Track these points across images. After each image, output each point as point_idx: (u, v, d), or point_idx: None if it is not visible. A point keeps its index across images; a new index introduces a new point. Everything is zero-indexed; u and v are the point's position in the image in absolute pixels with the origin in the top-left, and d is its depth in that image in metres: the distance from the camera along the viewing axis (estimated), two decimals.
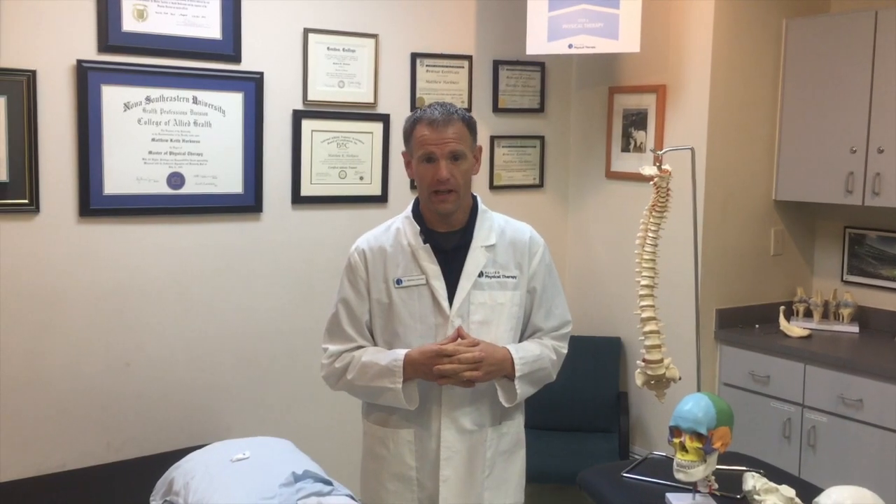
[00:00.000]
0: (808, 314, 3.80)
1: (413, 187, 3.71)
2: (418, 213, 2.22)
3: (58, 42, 2.99)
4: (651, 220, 2.45)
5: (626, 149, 4.03)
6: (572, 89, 4.30)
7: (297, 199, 3.54)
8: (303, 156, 3.52)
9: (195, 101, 3.25)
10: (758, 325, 3.79)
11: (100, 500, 2.99)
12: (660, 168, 2.43)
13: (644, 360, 2.44)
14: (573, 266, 4.33)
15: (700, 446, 2.13)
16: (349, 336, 2.19)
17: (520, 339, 2.24)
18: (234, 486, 2.74)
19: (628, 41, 3.62)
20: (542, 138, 4.21)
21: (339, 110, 3.59)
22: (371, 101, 3.66)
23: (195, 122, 3.26)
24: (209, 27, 3.26)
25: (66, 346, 3.10)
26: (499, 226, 2.24)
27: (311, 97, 3.52)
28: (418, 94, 3.78)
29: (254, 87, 3.36)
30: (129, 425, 3.23)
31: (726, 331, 3.75)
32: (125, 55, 3.11)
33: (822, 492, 2.04)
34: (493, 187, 4.07)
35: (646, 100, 3.91)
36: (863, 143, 3.48)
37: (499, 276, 2.19)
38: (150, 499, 2.97)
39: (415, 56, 3.77)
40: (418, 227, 2.19)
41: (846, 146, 3.53)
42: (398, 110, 3.70)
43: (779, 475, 2.41)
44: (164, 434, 3.29)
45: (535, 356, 2.19)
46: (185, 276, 3.31)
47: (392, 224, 2.25)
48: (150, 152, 3.19)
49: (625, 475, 2.45)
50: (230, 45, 3.31)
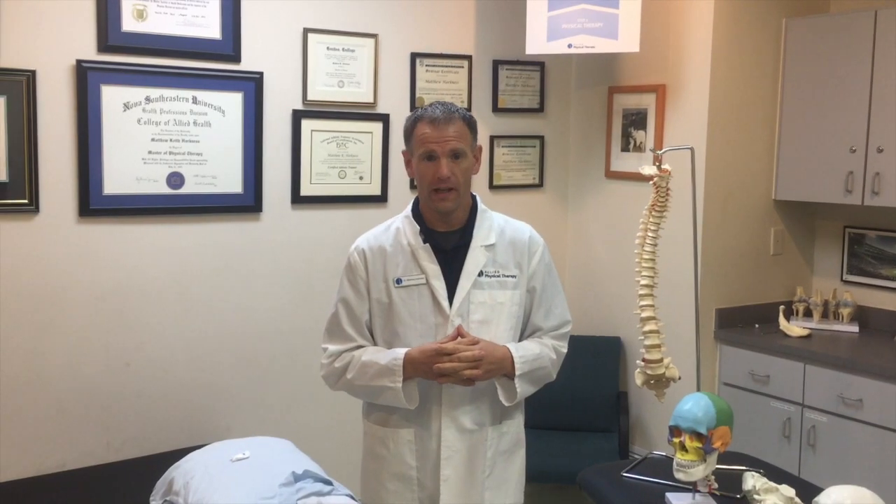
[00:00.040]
0: (808, 314, 3.80)
1: (413, 187, 3.71)
2: (418, 213, 2.22)
3: (57, 42, 2.99)
4: (651, 219, 2.45)
5: (625, 148, 4.03)
6: (572, 89, 4.30)
7: (297, 199, 3.54)
8: (302, 156, 3.52)
9: (195, 101, 3.25)
10: (757, 325, 3.79)
11: (99, 499, 2.99)
12: (659, 168, 2.43)
13: (644, 360, 2.44)
14: (573, 266, 4.33)
15: (700, 446, 2.13)
16: (349, 336, 2.19)
17: (520, 339, 2.24)
18: (233, 486, 2.74)
19: (628, 41, 3.62)
20: (541, 138, 4.21)
21: (338, 110, 3.59)
22: (371, 100, 3.66)
23: (195, 122, 3.26)
24: (209, 27, 3.26)
25: (65, 345, 3.10)
26: (498, 225, 2.24)
27: (310, 97, 3.52)
28: (418, 94, 3.78)
29: (253, 86, 3.37)
30: (128, 425, 3.23)
31: (726, 330, 3.75)
32: (125, 55, 3.11)
33: (821, 491, 2.04)
34: (492, 187, 4.07)
35: (645, 99, 3.91)
36: (862, 142, 3.48)
37: (498, 276, 2.19)
38: (150, 499, 2.97)
39: (414, 56, 3.77)
40: (418, 227, 2.19)
41: (846, 146, 3.54)
42: (398, 110, 3.70)
43: (778, 475, 2.41)
44: (163, 434, 3.29)
45: (535, 355, 2.19)
46: (184, 276, 3.31)
47: (392, 224, 2.25)
48: (150, 152, 3.19)
49: (625, 475, 2.45)
50: (230, 44, 3.31)
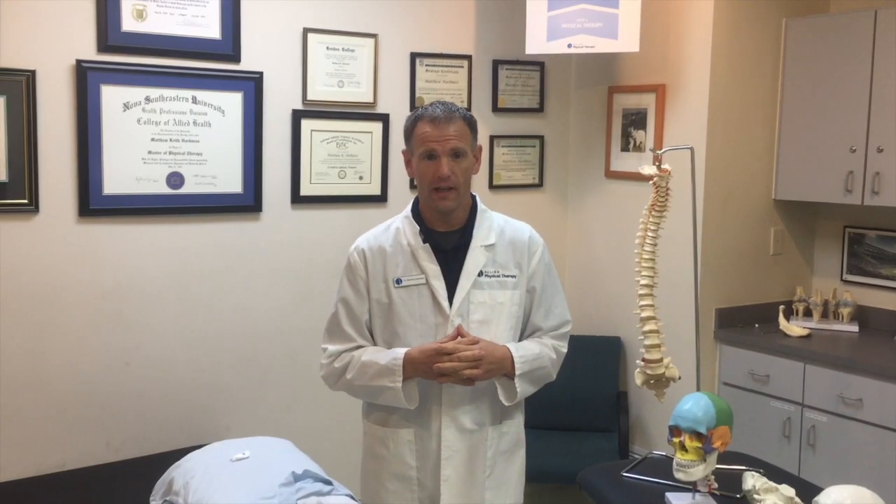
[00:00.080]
0: (808, 313, 3.80)
1: (413, 186, 3.71)
2: (418, 213, 2.22)
3: (57, 42, 2.99)
4: (650, 219, 2.45)
5: (625, 148, 4.03)
6: (572, 89, 4.30)
7: (297, 199, 3.54)
8: (302, 155, 3.52)
9: (194, 100, 3.25)
10: (757, 325, 3.79)
11: (99, 499, 2.99)
12: (659, 167, 2.43)
13: (644, 360, 2.44)
14: (573, 265, 4.33)
15: (700, 446, 2.13)
16: (349, 336, 2.19)
17: (520, 339, 2.24)
18: (233, 486, 2.74)
19: (628, 41, 3.62)
20: (541, 138, 4.21)
21: (338, 110, 3.59)
22: (370, 100, 3.66)
23: (195, 122, 3.26)
24: (208, 27, 3.26)
25: (65, 345, 3.10)
26: (498, 225, 2.24)
27: (310, 97, 3.52)
28: (418, 94, 3.78)
29: (253, 86, 3.36)
30: (128, 425, 3.23)
31: (726, 330, 3.75)
32: (124, 55, 3.11)
33: (821, 491, 2.04)
34: (492, 187, 4.07)
35: (645, 99, 3.91)
36: (862, 142, 3.48)
37: (498, 276, 2.19)
38: (150, 499, 2.97)
39: (414, 56, 3.77)
40: (418, 227, 2.19)
41: (846, 145, 3.54)
42: (398, 110, 3.70)
43: (778, 474, 2.41)
44: (163, 434, 3.29)
45: (535, 355, 2.19)
46: (184, 276, 3.31)
47: (391, 224, 2.25)
48: (150, 152, 3.19)
49: (624, 475, 2.45)
50: (229, 44, 3.31)
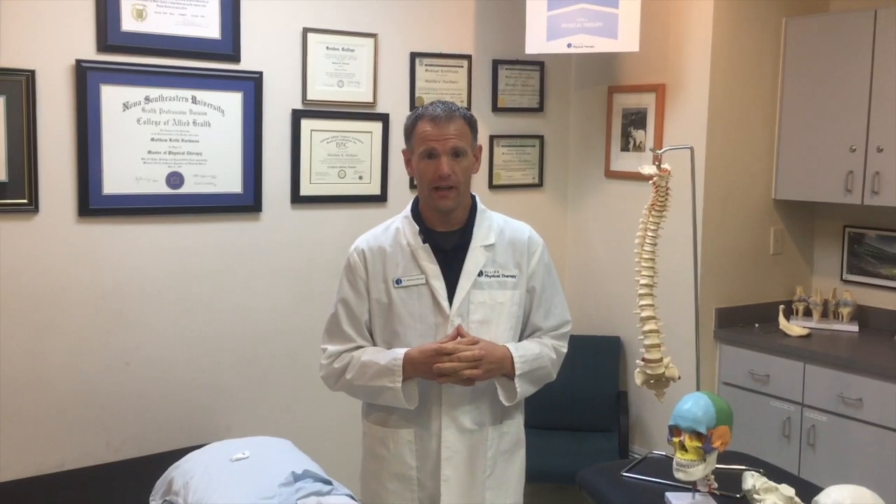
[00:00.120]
0: (808, 313, 3.80)
1: (413, 186, 3.71)
2: (417, 213, 2.22)
3: (57, 42, 2.99)
4: (650, 219, 2.44)
5: (625, 148, 4.03)
6: (571, 89, 4.30)
7: (297, 199, 3.54)
8: (302, 155, 3.52)
9: (194, 100, 3.25)
10: (757, 325, 3.79)
11: (99, 499, 2.99)
12: (659, 167, 2.42)
13: (643, 360, 2.44)
14: (572, 265, 4.33)
15: (699, 445, 2.13)
16: (348, 336, 2.19)
17: (519, 339, 2.24)
18: (233, 486, 2.74)
19: (627, 40, 3.62)
20: (541, 138, 4.21)
21: (338, 110, 3.59)
22: (370, 100, 3.66)
23: (194, 122, 3.26)
24: (208, 27, 3.26)
25: (65, 345, 3.10)
26: (498, 225, 2.24)
27: (310, 97, 3.52)
28: (417, 94, 3.78)
29: (253, 86, 3.36)
30: (128, 425, 3.23)
31: (726, 330, 3.75)
32: (124, 55, 3.11)
33: (821, 491, 2.04)
34: (492, 187, 4.07)
35: (645, 99, 3.91)
36: (862, 142, 3.48)
37: (498, 276, 2.18)
38: (150, 499, 2.97)
39: (414, 55, 3.77)
40: (417, 227, 2.19)
41: (845, 145, 3.53)
42: (397, 110, 3.69)
43: (778, 474, 2.41)
44: (163, 434, 3.29)
45: (535, 355, 2.19)
46: (184, 276, 3.31)
47: (391, 224, 2.25)
48: (150, 152, 3.19)
49: (624, 474, 2.45)
50: (229, 44, 3.31)
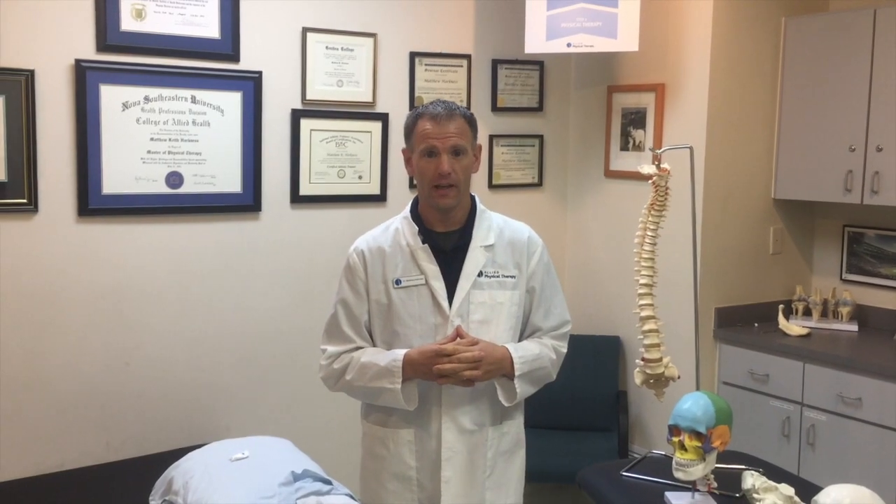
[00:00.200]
0: (808, 313, 3.80)
1: (412, 186, 3.71)
2: (416, 214, 2.21)
3: (56, 41, 2.99)
4: (650, 218, 2.45)
5: (624, 148, 4.03)
6: (571, 88, 4.30)
7: (296, 199, 3.53)
8: (301, 155, 3.52)
9: (194, 100, 3.25)
10: (757, 324, 3.79)
11: (99, 499, 2.99)
12: (658, 167, 2.43)
13: (643, 359, 2.44)
14: (572, 265, 4.33)
15: (699, 445, 2.13)
16: (348, 337, 2.19)
17: (519, 339, 2.24)
18: (233, 486, 2.74)
19: (627, 40, 3.62)
20: (540, 137, 4.21)
21: (337, 109, 3.59)
22: (370, 100, 3.66)
23: (194, 122, 3.26)
24: (208, 26, 3.26)
25: (64, 345, 3.10)
26: (497, 226, 2.24)
27: (309, 96, 3.52)
28: (417, 94, 3.78)
29: (252, 86, 3.36)
30: (128, 425, 3.23)
31: (725, 329, 3.75)
32: (123, 55, 3.11)
33: (821, 490, 2.04)
34: (491, 186, 4.07)
35: (644, 98, 3.91)
36: (862, 141, 3.48)
37: (498, 276, 2.18)
38: (150, 498, 2.97)
39: (413, 55, 3.77)
40: (417, 228, 2.19)
41: (845, 145, 3.53)
42: (397, 109, 3.69)
43: (778, 474, 2.41)
44: (163, 433, 3.29)
45: (535, 355, 2.19)
46: (183, 276, 3.31)
47: (391, 224, 2.25)
48: (149, 152, 3.19)
49: (624, 474, 2.45)
50: (229, 44, 3.31)
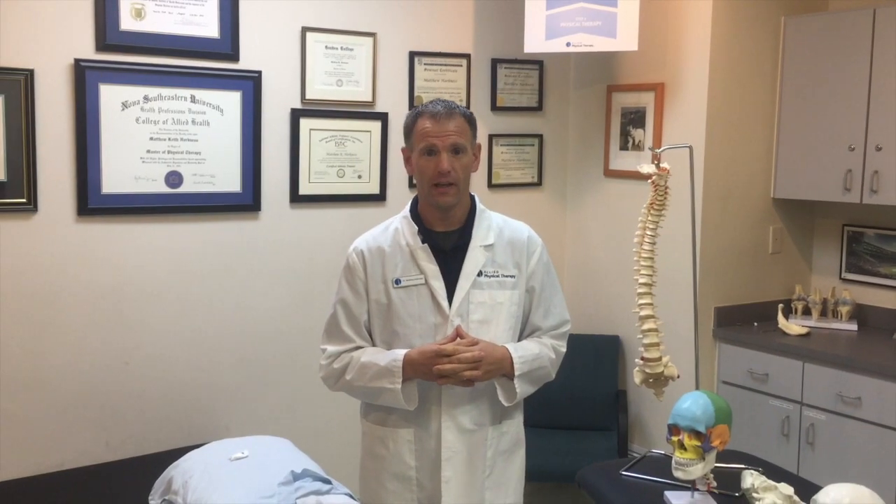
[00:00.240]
0: (807, 312, 3.81)
1: (412, 185, 3.71)
2: (416, 213, 2.21)
3: (55, 41, 2.99)
4: (649, 218, 2.44)
5: (624, 147, 4.03)
6: (570, 88, 4.30)
7: (296, 198, 3.53)
8: (301, 154, 3.52)
9: (193, 99, 3.25)
10: (756, 323, 3.79)
11: (98, 499, 2.99)
12: (658, 166, 2.42)
13: (642, 359, 2.44)
14: (572, 265, 4.33)
15: (699, 444, 2.13)
16: (347, 337, 2.19)
17: (519, 339, 2.24)
18: (232, 485, 2.74)
19: (626, 39, 3.62)
20: (540, 137, 4.21)
21: (337, 109, 3.59)
22: (369, 99, 3.66)
23: (193, 121, 3.26)
24: (207, 26, 3.26)
25: (64, 345, 3.10)
26: (497, 225, 2.24)
27: (309, 96, 3.52)
28: (416, 93, 3.78)
29: (252, 85, 3.36)
30: (127, 424, 3.23)
31: (725, 329, 3.75)
32: (123, 54, 3.11)
33: (820, 489, 2.04)
34: (491, 186, 4.07)
35: (644, 98, 3.91)
36: (861, 140, 3.48)
37: (497, 276, 2.18)
38: (149, 498, 2.97)
39: (413, 55, 3.77)
40: (416, 227, 2.19)
41: (844, 144, 3.53)
42: (396, 109, 3.69)
43: (777, 473, 2.41)
44: (162, 433, 3.29)
45: (534, 355, 2.19)
46: (183, 275, 3.31)
47: (390, 224, 2.25)
48: (148, 151, 3.19)
49: (623, 473, 2.45)
50: (228, 43, 3.31)
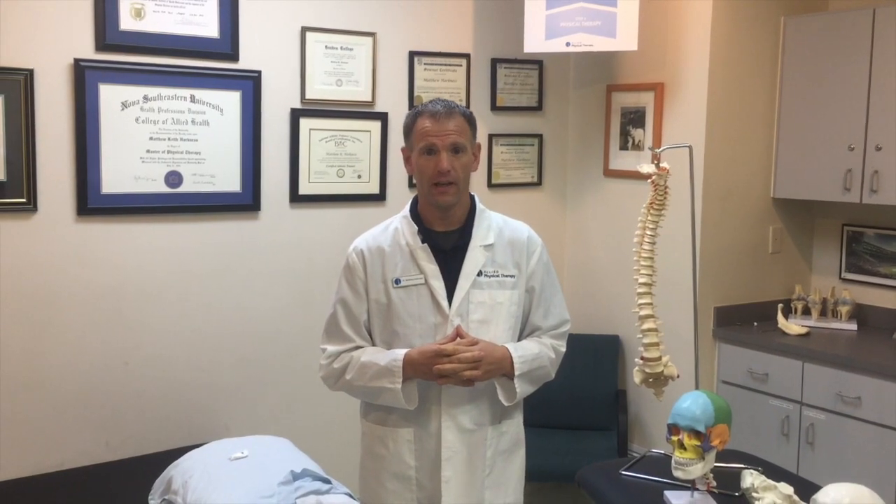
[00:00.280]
0: (807, 312, 3.81)
1: (412, 185, 3.71)
2: (416, 213, 2.21)
3: (55, 41, 2.99)
4: (649, 218, 2.44)
5: (624, 147, 4.03)
6: (570, 87, 4.30)
7: (295, 198, 3.53)
8: (301, 154, 3.52)
9: (193, 99, 3.25)
10: (756, 323, 3.80)
11: (98, 499, 2.99)
12: (658, 166, 2.42)
13: (642, 358, 2.44)
14: (571, 264, 4.33)
15: (698, 444, 2.13)
16: (347, 336, 2.19)
17: (518, 339, 2.24)
18: (232, 485, 2.74)
19: (626, 39, 3.62)
20: (540, 136, 4.21)
21: (336, 109, 3.59)
22: (369, 99, 3.66)
23: (193, 121, 3.26)
24: (207, 26, 3.26)
25: (64, 345, 3.10)
26: (497, 225, 2.24)
27: (308, 96, 3.52)
28: (416, 93, 3.78)
29: (251, 85, 3.36)
30: (127, 424, 3.23)
31: (724, 329, 3.76)
32: (123, 54, 3.11)
33: (820, 489, 2.04)
34: (491, 185, 4.07)
35: (644, 98, 3.91)
36: (861, 140, 3.48)
37: (497, 276, 2.18)
38: (149, 497, 2.97)
39: (413, 54, 3.77)
40: (416, 227, 2.19)
41: (844, 144, 3.53)
42: (396, 109, 3.69)
43: (777, 473, 2.41)
44: (162, 433, 3.29)
45: (534, 355, 2.19)
46: (183, 275, 3.31)
47: (390, 224, 2.25)
48: (148, 151, 3.18)
49: (623, 473, 2.45)
50: (228, 43, 3.31)
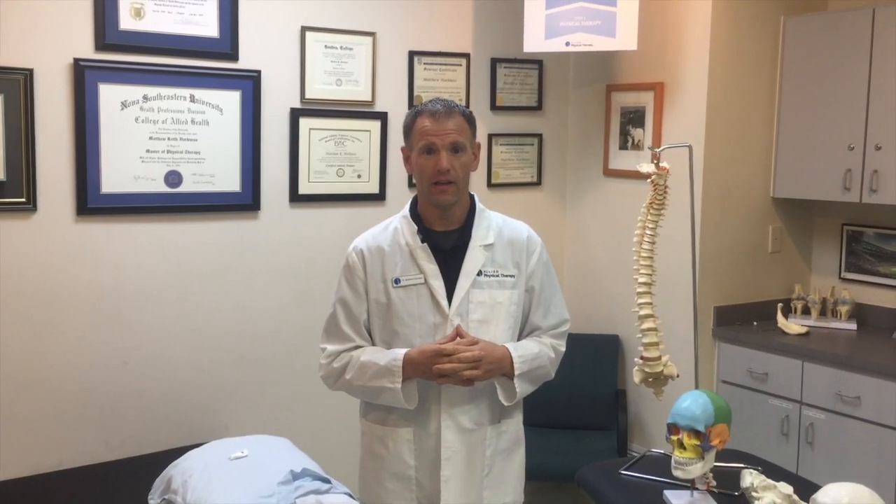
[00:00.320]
0: (806, 311, 3.81)
1: (411, 185, 3.71)
2: (416, 213, 2.22)
3: (55, 40, 2.99)
4: (649, 217, 2.45)
5: (623, 146, 4.03)
6: (570, 87, 4.30)
7: (295, 198, 3.53)
8: (300, 154, 3.52)
9: (192, 99, 3.25)
10: (756, 323, 3.80)
11: (98, 498, 2.99)
12: (657, 165, 2.43)
13: (642, 358, 2.44)
14: (571, 264, 4.33)
15: (698, 443, 2.13)
16: (347, 336, 2.19)
17: (518, 338, 2.24)
18: (232, 485, 2.74)
19: (626, 39, 3.62)
20: (539, 136, 4.21)
21: (336, 108, 3.59)
22: (369, 99, 3.66)
23: (192, 121, 3.26)
24: (206, 25, 3.26)
25: (63, 344, 3.10)
26: (497, 225, 2.24)
27: (308, 95, 3.51)
28: (416, 93, 3.78)
29: (251, 85, 3.36)
30: (127, 424, 3.23)
31: (724, 328, 3.76)
32: (122, 53, 3.11)
33: (819, 489, 2.04)
34: (490, 185, 4.07)
35: (643, 97, 3.91)
36: (860, 140, 3.48)
37: (497, 276, 2.18)
38: (149, 497, 2.97)
39: (412, 54, 3.77)
40: (416, 227, 2.19)
41: (844, 143, 3.54)
42: (396, 108, 3.69)
43: (777, 472, 2.42)
44: (162, 433, 3.29)
45: (534, 354, 2.19)
46: (182, 275, 3.31)
47: (390, 223, 2.25)
48: (148, 151, 3.18)
49: (623, 472, 2.45)
50: (227, 43, 3.31)
